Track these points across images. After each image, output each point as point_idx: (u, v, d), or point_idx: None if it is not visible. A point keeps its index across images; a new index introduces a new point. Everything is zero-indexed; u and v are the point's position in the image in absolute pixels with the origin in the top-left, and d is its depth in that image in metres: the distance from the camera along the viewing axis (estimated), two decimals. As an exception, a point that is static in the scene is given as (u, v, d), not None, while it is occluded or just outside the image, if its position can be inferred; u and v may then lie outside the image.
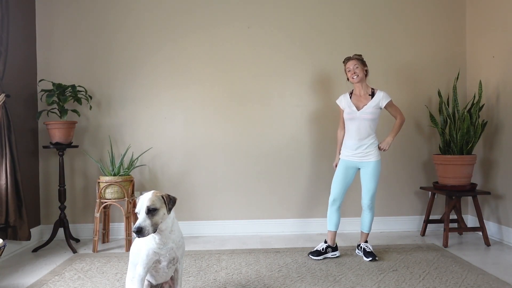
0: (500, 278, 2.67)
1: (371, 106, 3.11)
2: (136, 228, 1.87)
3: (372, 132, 3.14)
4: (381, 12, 4.02)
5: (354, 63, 3.15)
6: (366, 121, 3.11)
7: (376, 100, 3.13)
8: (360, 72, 3.14)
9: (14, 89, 3.41)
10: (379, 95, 3.14)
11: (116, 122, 3.90)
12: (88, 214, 3.89)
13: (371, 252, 3.12)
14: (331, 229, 3.21)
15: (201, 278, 2.75)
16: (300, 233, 3.95)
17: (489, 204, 3.78)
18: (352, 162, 3.18)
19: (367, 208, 3.19)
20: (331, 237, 3.20)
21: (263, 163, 3.96)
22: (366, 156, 3.13)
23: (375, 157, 3.12)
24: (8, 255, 3.27)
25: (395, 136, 3.19)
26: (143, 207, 1.92)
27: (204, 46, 3.93)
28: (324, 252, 3.16)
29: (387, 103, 3.13)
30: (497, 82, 3.66)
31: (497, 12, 3.65)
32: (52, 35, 3.84)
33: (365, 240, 3.25)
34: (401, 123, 3.20)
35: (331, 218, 3.21)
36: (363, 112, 3.11)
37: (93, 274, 2.85)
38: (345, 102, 3.24)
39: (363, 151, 3.13)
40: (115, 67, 3.89)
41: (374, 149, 3.13)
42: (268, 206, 3.96)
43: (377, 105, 3.13)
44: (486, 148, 3.83)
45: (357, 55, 3.22)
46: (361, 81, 3.16)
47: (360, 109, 3.13)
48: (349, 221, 3.99)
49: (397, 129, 3.20)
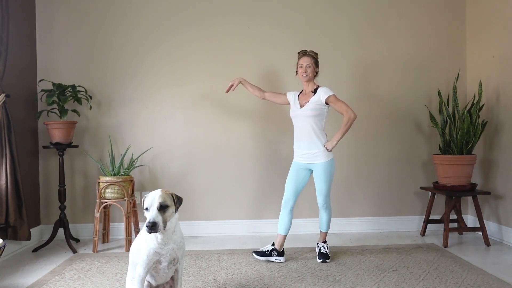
0: (500, 278, 2.67)
1: (312, 102, 3.02)
2: (151, 222, 1.85)
3: (318, 131, 3.03)
4: (381, 12, 4.02)
5: (308, 62, 3.07)
6: (308, 118, 3.02)
7: (317, 96, 3.03)
8: (311, 72, 3.07)
9: (14, 89, 3.41)
10: (320, 91, 3.04)
11: (116, 122, 3.90)
12: (88, 214, 3.89)
13: (325, 254, 3.06)
14: (281, 233, 3.11)
15: (201, 278, 2.75)
16: (300, 233, 3.94)
17: (489, 204, 3.78)
18: (302, 164, 3.11)
19: (322, 208, 3.14)
20: (279, 241, 3.10)
21: (263, 163, 3.96)
22: (315, 158, 3.03)
23: (323, 158, 3.02)
24: (8, 255, 3.27)
25: (342, 134, 2.99)
26: (154, 203, 1.91)
27: (205, 46, 3.93)
28: (269, 254, 3.07)
29: (328, 98, 2.99)
30: (497, 82, 3.66)
31: (497, 12, 3.65)
32: (52, 35, 3.85)
33: (323, 239, 3.19)
34: (348, 120, 2.97)
35: (282, 220, 3.13)
36: (305, 109, 3.04)
37: (93, 274, 2.85)
38: (293, 98, 3.17)
39: (310, 152, 3.04)
40: (115, 67, 3.89)
41: (321, 150, 3.02)
42: (268, 206, 3.96)
43: (318, 100, 3.01)
44: (486, 148, 3.83)
45: (313, 52, 3.12)
46: (309, 81, 3.11)
47: (303, 106, 3.07)
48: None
49: (344, 127, 2.98)
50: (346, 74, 4.00)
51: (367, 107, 4.00)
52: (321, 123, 3.06)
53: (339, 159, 3.98)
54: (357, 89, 4.00)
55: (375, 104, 4.01)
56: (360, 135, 4.00)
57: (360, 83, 4.01)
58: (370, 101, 4.01)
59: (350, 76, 4.00)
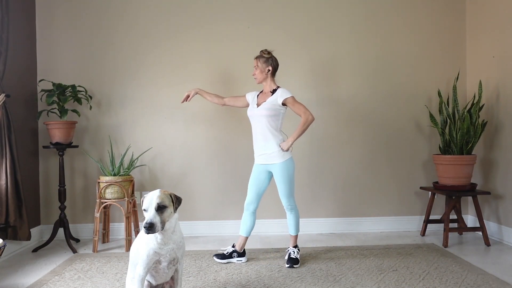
0: (500, 278, 2.67)
1: (268, 102, 2.98)
2: (148, 223, 1.85)
3: (274, 131, 2.99)
4: (381, 12, 4.02)
5: (255, 64, 3.05)
6: (262, 117, 2.98)
7: (274, 97, 3.00)
8: (258, 74, 3.05)
9: (14, 89, 3.41)
10: (279, 92, 3.00)
11: (116, 122, 3.90)
12: (88, 214, 3.89)
13: (294, 259, 2.98)
14: (242, 234, 3.09)
15: (201, 278, 2.75)
16: (300, 233, 3.93)
17: (489, 204, 3.78)
18: (261, 166, 3.06)
19: (287, 210, 3.08)
20: (240, 242, 3.08)
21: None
22: (271, 158, 2.99)
23: (279, 158, 2.97)
24: (8, 255, 3.27)
25: (298, 135, 2.95)
26: (152, 203, 1.91)
27: (205, 46, 3.93)
28: (229, 256, 3.06)
29: (285, 99, 2.96)
30: (497, 82, 3.66)
31: (497, 12, 3.65)
32: (52, 35, 3.85)
33: (293, 244, 3.10)
34: (305, 122, 2.93)
35: (244, 222, 3.10)
36: (260, 108, 3.00)
37: (93, 274, 2.85)
38: (251, 98, 3.16)
39: (267, 153, 3.00)
40: (115, 67, 3.89)
41: (277, 150, 2.97)
42: (268, 206, 3.95)
43: (275, 101, 2.97)
44: (486, 148, 3.83)
45: (264, 52, 3.06)
46: (263, 81, 3.08)
47: (259, 105, 3.04)
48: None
49: (300, 129, 2.94)
50: (346, 74, 3.99)
51: (367, 107, 4.00)
52: (276, 123, 3.01)
53: (339, 159, 3.99)
54: (356, 88, 4.00)
55: (374, 103, 4.01)
56: (359, 135, 4.00)
57: (360, 83, 4.00)
58: (370, 100, 4.01)
59: (350, 75, 4.00)
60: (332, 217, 4.01)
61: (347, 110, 4.00)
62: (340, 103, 3.99)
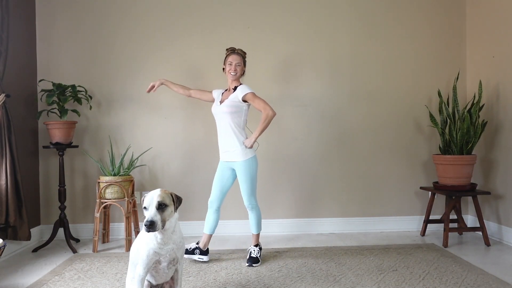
0: (500, 278, 2.67)
1: (230, 99, 3.01)
2: (149, 221, 1.85)
3: (236, 129, 3.00)
4: (380, 12, 4.02)
5: (238, 60, 3.06)
6: (225, 114, 3.00)
7: (235, 93, 3.01)
8: (240, 71, 3.07)
9: (14, 89, 3.41)
10: (239, 88, 3.01)
11: (116, 122, 3.90)
12: (88, 214, 3.89)
13: (254, 258, 2.99)
14: (206, 232, 3.09)
15: (201, 278, 2.75)
16: (300, 233, 3.95)
17: (489, 204, 3.78)
18: (225, 163, 3.08)
19: (248, 208, 3.08)
20: (203, 240, 3.08)
21: (263, 162, 3.96)
22: (233, 157, 3.00)
23: (242, 156, 2.98)
24: (8, 255, 3.27)
25: (260, 132, 2.96)
26: (153, 202, 1.91)
27: (205, 45, 3.93)
28: (191, 252, 3.04)
29: (245, 95, 2.97)
30: (497, 82, 3.66)
31: (497, 12, 3.65)
32: (52, 35, 3.85)
33: (255, 242, 3.10)
34: (266, 118, 2.93)
35: (208, 220, 3.11)
36: (222, 105, 3.02)
37: (93, 274, 2.85)
38: (217, 95, 3.18)
39: (230, 150, 3.01)
40: (115, 67, 3.89)
41: (240, 148, 2.98)
42: (268, 206, 3.96)
43: (236, 98, 2.99)
44: (486, 148, 3.83)
45: (242, 51, 3.11)
46: (237, 79, 3.09)
47: (222, 103, 3.06)
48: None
49: (262, 124, 2.95)
50: (345, 74, 4.00)
51: (366, 107, 4.00)
52: (239, 120, 3.02)
53: (339, 159, 3.99)
54: (356, 89, 4.00)
55: (374, 104, 4.01)
56: (359, 135, 4.00)
57: (360, 83, 4.00)
58: (370, 100, 4.01)
59: (350, 75, 4.00)
60: (332, 217, 4.00)
61: (347, 110, 4.00)
62: (340, 103, 3.99)
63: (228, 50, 3.12)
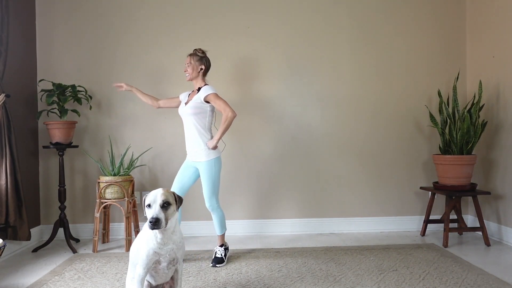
0: (500, 278, 2.67)
1: (193, 100, 3.00)
2: (154, 218, 1.87)
3: (201, 130, 3.01)
4: (380, 12, 4.01)
5: (187, 61, 3.06)
6: (189, 116, 3.01)
7: (198, 94, 3.00)
8: (191, 70, 3.06)
9: (14, 89, 3.41)
10: (202, 89, 3.01)
11: (116, 122, 3.90)
12: (88, 214, 3.89)
13: (219, 258, 3.00)
14: None
15: (201, 278, 2.75)
16: (300, 233, 3.95)
17: (489, 204, 3.78)
18: (190, 162, 3.10)
19: (209, 209, 3.07)
20: None
21: (262, 163, 3.96)
22: (197, 156, 3.02)
23: (204, 157, 2.99)
24: (8, 255, 3.27)
25: (222, 133, 2.96)
26: (157, 200, 1.93)
27: (204, 46, 3.92)
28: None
29: (207, 96, 2.96)
30: (497, 82, 3.66)
31: (497, 12, 3.65)
32: (52, 35, 3.85)
33: (220, 243, 3.11)
34: (226, 119, 2.93)
35: None
36: (187, 106, 3.03)
37: (93, 274, 2.85)
38: (183, 97, 3.19)
39: (193, 150, 3.03)
40: (115, 67, 3.89)
41: (203, 148, 3.00)
42: (268, 206, 3.96)
43: (198, 99, 2.98)
44: (486, 148, 3.83)
45: (198, 50, 3.09)
46: (194, 79, 3.09)
47: (187, 104, 3.06)
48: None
49: (223, 126, 2.95)
50: (346, 73, 4.00)
51: (366, 107, 4.00)
52: (203, 121, 3.03)
53: (339, 159, 3.98)
54: (357, 88, 4.00)
55: (374, 103, 4.01)
56: (358, 134, 4.00)
57: (360, 83, 4.00)
58: (370, 100, 4.01)
59: (350, 75, 4.00)
60: (332, 217, 4.01)
61: (347, 110, 4.00)
62: (340, 103, 3.99)
63: None
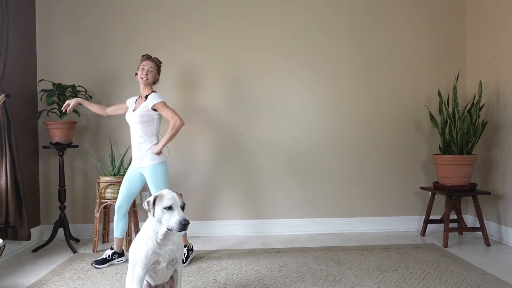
0: (500, 278, 2.67)
1: (141, 108, 2.99)
2: (186, 220, 1.90)
3: (146, 137, 3.00)
4: (381, 11, 4.02)
5: (151, 66, 3.05)
6: (136, 123, 2.99)
7: (146, 102, 2.99)
8: (151, 77, 3.05)
9: (14, 89, 3.41)
10: (150, 97, 3.00)
11: (116, 122, 3.90)
12: (88, 214, 3.89)
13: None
14: (117, 236, 3.10)
15: (201, 278, 2.75)
16: (300, 233, 3.95)
17: (489, 204, 3.78)
18: (135, 168, 3.06)
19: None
20: (117, 244, 3.10)
21: (262, 163, 3.96)
22: (142, 162, 3.00)
23: (149, 161, 2.98)
24: (8, 255, 3.27)
25: (168, 140, 2.96)
26: (177, 203, 1.95)
27: (204, 46, 3.93)
28: (110, 259, 3.06)
29: (155, 104, 2.96)
30: (497, 82, 3.66)
31: (497, 12, 3.65)
32: (52, 35, 3.85)
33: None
34: (173, 127, 2.95)
35: (117, 225, 3.08)
36: (134, 113, 3.01)
37: (93, 274, 2.85)
38: (131, 103, 3.17)
39: (138, 156, 3.02)
40: (116, 67, 3.89)
41: (148, 153, 2.99)
42: (268, 206, 3.96)
43: (146, 107, 2.98)
44: (486, 148, 3.83)
45: (158, 60, 3.12)
46: (148, 85, 3.08)
47: (135, 110, 3.04)
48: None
49: (169, 133, 2.95)
50: (346, 73, 4.00)
51: (366, 107, 4.00)
52: (151, 128, 3.02)
53: (339, 159, 3.98)
54: (352, 89, 4.00)
55: (374, 103, 4.01)
56: (359, 134, 4.00)
57: (360, 82, 4.00)
58: (369, 100, 4.01)
59: (351, 75, 4.00)
60: (332, 217, 4.01)
61: (347, 110, 4.00)
62: (340, 103, 3.99)
63: (144, 56, 3.11)
